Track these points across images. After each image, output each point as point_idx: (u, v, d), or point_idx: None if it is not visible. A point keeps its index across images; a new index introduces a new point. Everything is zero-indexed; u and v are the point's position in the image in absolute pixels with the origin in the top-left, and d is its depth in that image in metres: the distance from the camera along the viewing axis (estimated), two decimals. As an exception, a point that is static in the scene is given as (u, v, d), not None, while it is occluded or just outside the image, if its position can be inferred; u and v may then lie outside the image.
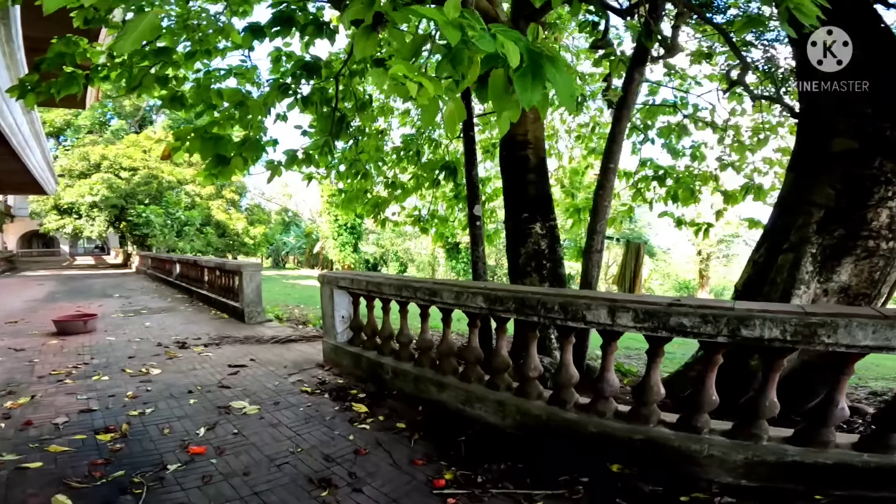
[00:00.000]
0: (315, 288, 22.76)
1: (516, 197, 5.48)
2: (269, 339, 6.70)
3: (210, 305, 10.72)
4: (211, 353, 6.04)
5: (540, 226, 5.37)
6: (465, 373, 3.98)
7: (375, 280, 4.65)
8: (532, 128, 5.46)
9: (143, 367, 5.49)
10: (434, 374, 4.20)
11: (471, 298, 3.66)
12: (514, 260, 5.47)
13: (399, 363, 4.55)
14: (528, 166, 5.41)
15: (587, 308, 3.02)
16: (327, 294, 5.35)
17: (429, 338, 4.36)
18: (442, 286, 3.96)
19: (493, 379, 3.78)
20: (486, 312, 3.63)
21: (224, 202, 28.89)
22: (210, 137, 4.04)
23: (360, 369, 4.96)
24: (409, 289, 4.23)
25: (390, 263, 38.09)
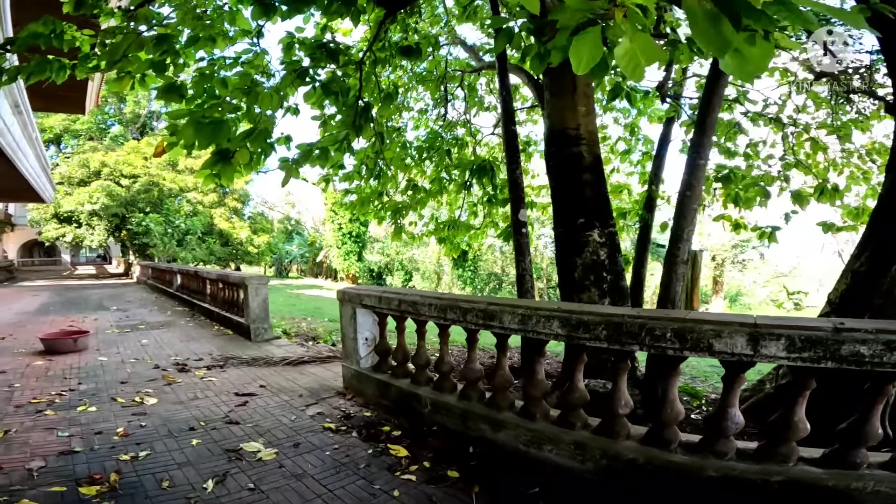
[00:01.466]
0: (323, 299, 22.12)
1: (569, 200, 4.77)
2: (280, 361, 5.98)
3: (212, 320, 10.01)
4: (215, 378, 5.32)
5: (598, 233, 4.63)
6: (527, 409, 3.27)
7: (410, 299, 3.93)
8: (584, 121, 4.77)
9: (138, 394, 4.78)
10: (486, 409, 3.48)
11: (543, 323, 2.95)
12: (568, 272, 4.74)
13: (440, 395, 3.83)
14: (581, 164, 4.70)
15: (716, 335, 2.31)
16: (348, 314, 4.64)
17: (477, 367, 3.65)
18: (501, 307, 3.24)
19: (566, 416, 3.08)
20: (562, 339, 2.91)
21: (227, 210, 28.26)
22: (207, 123, 3.33)
23: (388, 399, 4.24)
24: (457, 310, 3.51)
25: (395, 273, 37.37)
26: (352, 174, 7.22)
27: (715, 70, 4.32)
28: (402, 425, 3.88)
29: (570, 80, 4.76)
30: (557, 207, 4.89)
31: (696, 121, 4.16)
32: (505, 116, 4.90)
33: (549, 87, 4.98)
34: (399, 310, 4.03)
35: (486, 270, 34.79)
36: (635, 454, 2.72)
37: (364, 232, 37.83)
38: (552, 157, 4.89)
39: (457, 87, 7.44)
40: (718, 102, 4.12)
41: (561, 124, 4.77)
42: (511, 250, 30.87)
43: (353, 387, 4.66)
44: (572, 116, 4.74)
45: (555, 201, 4.93)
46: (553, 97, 4.91)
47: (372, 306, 4.36)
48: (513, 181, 4.72)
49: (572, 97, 4.75)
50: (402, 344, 4.32)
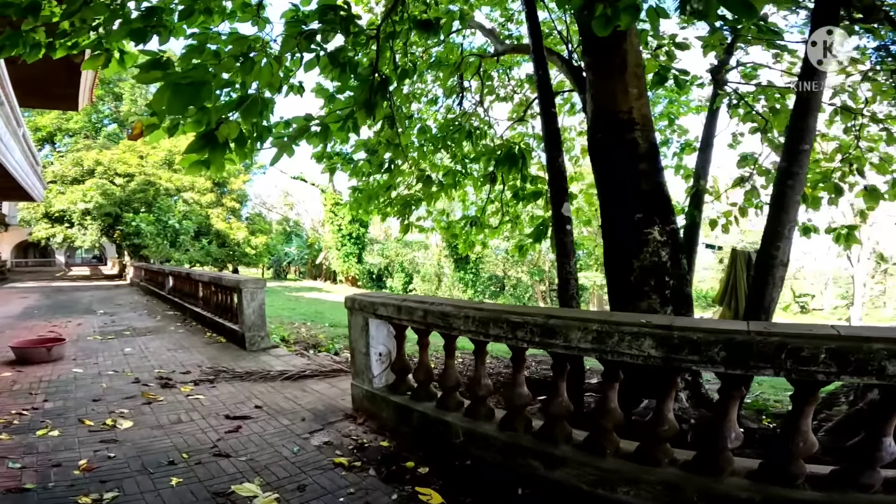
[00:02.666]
0: (323, 302, 21.35)
1: (623, 193, 4.13)
2: (278, 376, 5.27)
3: (205, 326, 9.28)
4: (202, 396, 4.61)
5: (659, 230, 3.98)
6: (595, 443, 2.60)
7: (439, 309, 3.23)
8: (637, 104, 4.13)
9: (110, 415, 4.08)
10: (537, 442, 2.82)
11: (629, 342, 2.28)
12: (623, 276, 4.08)
13: (475, 423, 3.14)
14: (637, 153, 4.07)
15: (892, 356, 1.65)
16: (359, 325, 3.94)
17: (525, 393, 2.96)
18: (566, 321, 2.56)
19: (650, 451, 2.42)
20: (654, 362, 2.23)
21: (224, 211, 27.51)
22: (187, 84, 2.65)
23: (408, 426, 3.55)
24: (503, 324, 2.81)
25: (396, 275, 36.67)
26: (359, 168, 6.54)
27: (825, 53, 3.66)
28: (427, 459, 3.20)
29: (619, 59, 4.13)
30: (607, 202, 4.24)
31: (797, 102, 3.49)
32: (542, 98, 4.23)
33: (593, 66, 4.33)
34: (424, 322, 3.33)
35: (488, 273, 34.14)
36: (749, 493, 2.11)
37: (364, 233, 37.17)
38: (600, 144, 4.23)
39: (473, 75, 6.76)
40: (824, 81, 3.45)
41: (610, 107, 4.13)
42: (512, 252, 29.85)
43: (365, 409, 3.96)
44: (623, 98, 4.10)
45: (603, 194, 4.27)
46: (598, 78, 4.27)
47: (389, 317, 3.66)
48: (554, 171, 4.04)
49: (622, 77, 4.12)
50: (426, 362, 3.62)
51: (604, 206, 4.28)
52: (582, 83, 4.80)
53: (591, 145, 4.34)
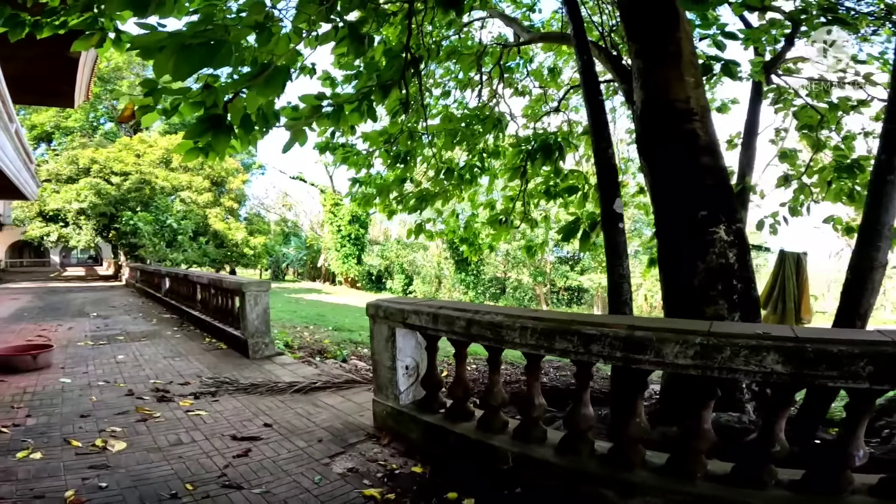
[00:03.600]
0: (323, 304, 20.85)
1: (684, 189, 3.78)
2: (287, 388, 4.81)
3: (203, 330, 8.80)
4: (204, 412, 4.14)
5: (725, 229, 3.64)
6: (681, 465, 2.21)
7: (488, 319, 2.76)
8: (695, 94, 3.79)
9: (101, 435, 3.62)
10: (607, 468, 2.41)
11: (745, 357, 1.91)
12: (685, 278, 3.71)
13: (528, 447, 2.71)
14: (698, 145, 3.73)
15: None
16: (383, 335, 3.49)
17: (591, 414, 2.53)
18: (658, 333, 2.16)
19: (751, 473, 2.08)
20: (782, 378, 1.87)
21: (223, 210, 26.96)
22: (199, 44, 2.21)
23: (442, 448, 3.10)
24: (573, 336, 2.39)
25: (395, 276, 36.20)
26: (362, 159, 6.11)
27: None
28: (470, 488, 2.75)
29: (674, 45, 3.79)
30: (664, 199, 3.88)
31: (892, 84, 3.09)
32: (587, 86, 3.82)
33: (643, 53, 3.95)
34: (467, 334, 2.88)
35: (489, 275, 33.72)
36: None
37: (363, 234, 36.72)
38: (654, 136, 3.86)
39: (493, 66, 6.32)
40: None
41: (666, 96, 3.79)
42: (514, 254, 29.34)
43: (390, 428, 3.50)
44: (680, 87, 3.74)
45: (658, 191, 3.90)
46: (650, 65, 3.92)
47: (422, 327, 3.21)
48: (603, 163, 3.63)
49: (678, 65, 3.79)
50: (465, 377, 3.17)
51: (659, 204, 3.90)
52: (623, 72, 4.41)
53: (643, 137, 3.95)
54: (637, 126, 4.01)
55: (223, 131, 3.31)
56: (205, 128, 3.29)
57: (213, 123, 3.29)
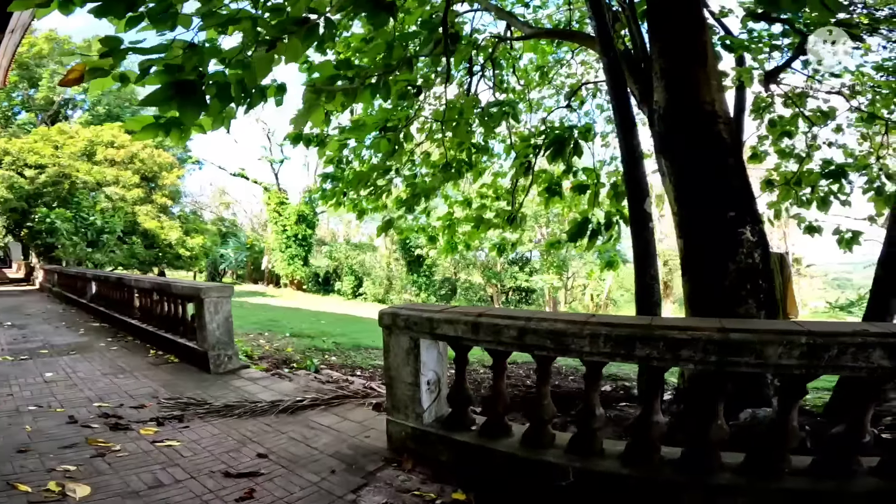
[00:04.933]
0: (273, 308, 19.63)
1: (712, 191, 3.74)
2: (271, 408, 4.20)
3: (146, 342, 7.77)
4: (176, 442, 3.47)
5: (751, 230, 3.63)
6: (760, 464, 2.08)
7: (547, 327, 2.42)
8: (718, 97, 3.78)
9: (52, 475, 2.91)
10: (682, 474, 2.28)
11: (852, 354, 1.95)
12: (715, 279, 3.66)
13: (589, 461, 2.45)
14: (724, 147, 3.74)
15: None
16: (403, 347, 3.05)
17: (662, 421, 2.29)
18: (757, 334, 2.05)
19: (836, 464, 2.14)
20: (884, 373, 1.94)
21: (154, 208, 24.73)
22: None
23: (480, 468, 2.75)
24: (658, 342, 2.18)
25: (344, 278, 35.07)
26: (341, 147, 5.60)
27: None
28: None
29: (701, 47, 3.75)
30: (692, 199, 3.80)
31: None
32: (614, 82, 3.66)
33: (667, 53, 3.86)
34: (520, 343, 2.52)
35: (441, 275, 33.51)
36: None
37: (310, 234, 35.27)
38: (681, 137, 3.79)
39: (486, 60, 6.01)
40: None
41: (693, 98, 3.74)
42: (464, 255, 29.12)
43: (412, 451, 3.06)
44: (707, 90, 3.74)
45: (684, 192, 3.83)
46: (676, 66, 3.86)
47: (457, 337, 2.80)
48: (632, 163, 3.45)
49: (704, 67, 3.75)
50: (504, 391, 2.81)
51: (685, 205, 3.82)
52: (638, 72, 4.26)
53: (667, 138, 3.84)
54: (658, 126, 3.88)
55: (194, 102, 2.73)
56: (170, 95, 2.70)
57: (182, 90, 2.70)
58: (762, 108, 5.65)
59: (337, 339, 10.69)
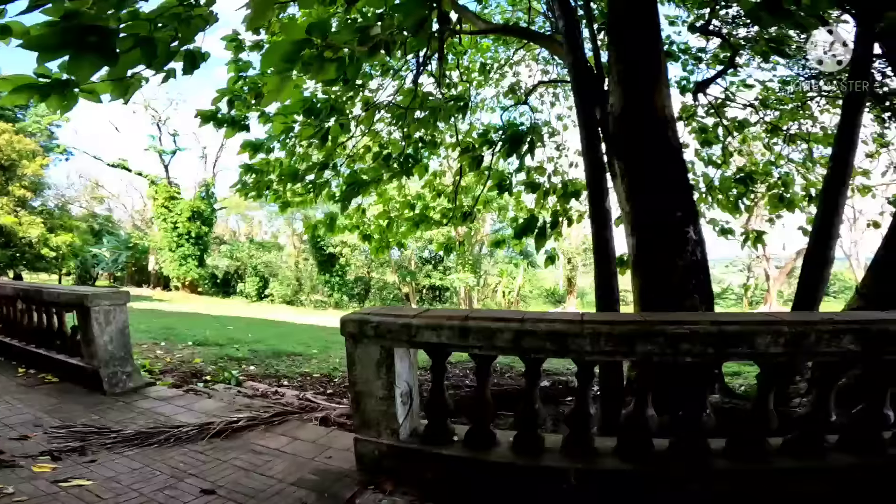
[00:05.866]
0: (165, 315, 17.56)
1: (663, 192, 3.94)
2: (199, 434, 3.60)
3: (11, 359, 6.40)
4: (86, 480, 2.80)
5: (693, 229, 3.88)
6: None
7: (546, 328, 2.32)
8: (668, 104, 4.00)
9: None
10: (663, 468, 2.34)
11: (826, 341, 2.14)
12: (665, 276, 3.83)
13: (592, 461, 2.45)
14: (672, 151, 3.99)
15: None
16: (374, 359, 2.75)
17: (654, 416, 2.37)
18: (748, 326, 2.20)
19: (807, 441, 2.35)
20: (854, 357, 2.20)
21: (10, 201, 20.81)
22: None
23: (470, 481, 2.58)
24: (659, 338, 2.18)
25: (248, 279, 32.62)
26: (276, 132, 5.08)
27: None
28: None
29: (656, 56, 3.96)
30: (643, 199, 3.97)
31: (846, 102, 3.65)
32: (578, 84, 3.74)
33: (626, 59, 4.01)
34: (516, 347, 2.38)
35: (354, 275, 32.58)
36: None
37: (206, 233, 32.21)
38: (635, 140, 3.97)
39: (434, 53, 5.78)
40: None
41: (648, 103, 3.94)
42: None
43: (391, 471, 2.77)
44: (660, 96, 4.00)
45: (636, 192, 3.96)
46: (631, 72, 4.01)
47: (440, 344, 2.57)
48: (594, 162, 3.56)
49: (658, 75, 3.96)
50: (489, 398, 2.66)
51: (636, 205, 3.98)
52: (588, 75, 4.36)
53: (621, 140, 4.00)
54: (613, 128, 4.01)
55: (97, 54, 2.14)
56: (65, 40, 2.11)
57: (81, 36, 2.12)
58: (687, 116, 6.18)
59: (252, 347, 9.78)
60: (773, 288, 27.49)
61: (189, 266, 30.69)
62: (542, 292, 35.79)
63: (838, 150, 3.78)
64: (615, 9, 3.94)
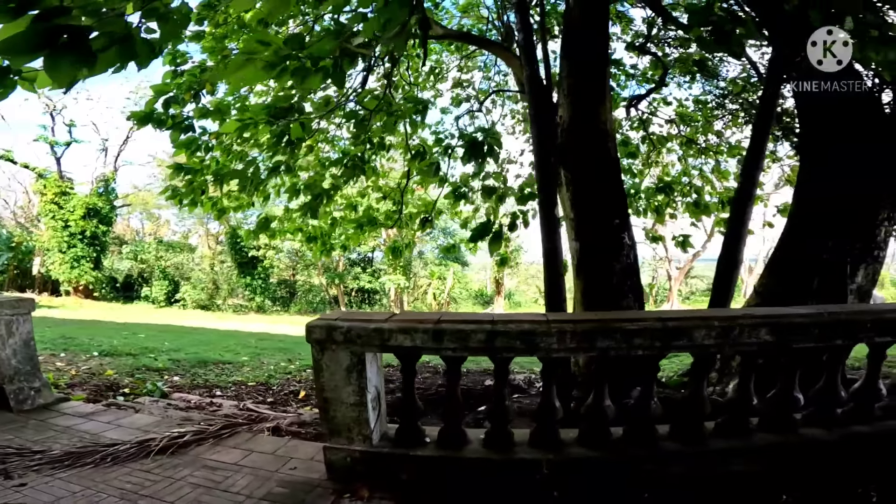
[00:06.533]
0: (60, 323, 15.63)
1: (602, 200, 4.30)
2: (138, 450, 3.32)
3: None
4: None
5: (627, 235, 4.26)
6: (689, 428, 2.42)
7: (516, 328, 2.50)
8: (610, 118, 4.38)
9: None
10: (618, 451, 2.51)
11: (748, 333, 2.52)
12: (603, 278, 4.20)
13: (561, 451, 2.69)
14: (611, 161, 4.39)
15: None
16: (343, 365, 2.73)
17: (611, 407, 2.59)
18: (688, 321, 2.58)
19: (734, 424, 2.50)
20: (769, 347, 2.59)
21: None
22: None
23: (447, 477, 2.71)
24: (616, 334, 2.48)
25: (155, 283, 29.88)
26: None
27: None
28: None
29: (603, 73, 4.27)
30: (585, 207, 4.32)
31: (760, 112, 4.14)
32: (535, 96, 4.00)
33: (574, 74, 4.31)
34: (489, 347, 2.54)
35: (277, 278, 31.12)
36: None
37: (105, 232, 29.06)
38: (580, 151, 4.31)
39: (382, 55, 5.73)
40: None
41: (593, 116, 4.31)
42: (303, 255, 27.98)
43: (362, 476, 2.75)
44: (604, 110, 4.35)
45: (580, 200, 4.29)
46: (580, 86, 4.33)
47: (413, 347, 2.62)
48: (545, 171, 3.80)
49: (603, 91, 4.28)
50: (459, 397, 2.77)
51: (580, 212, 4.28)
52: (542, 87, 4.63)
53: (568, 150, 4.30)
54: (560, 138, 4.30)
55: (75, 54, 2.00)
56: (41, 42, 1.95)
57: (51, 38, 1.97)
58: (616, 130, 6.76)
59: (171, 356, 9.02)
60: (675, 287, 30.41)
61: (83, 268, 27.48)
62: (472, 294, 36.57)
63: (746, 167, 4.36)
64: (570, 22, 4.24)
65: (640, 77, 6.54)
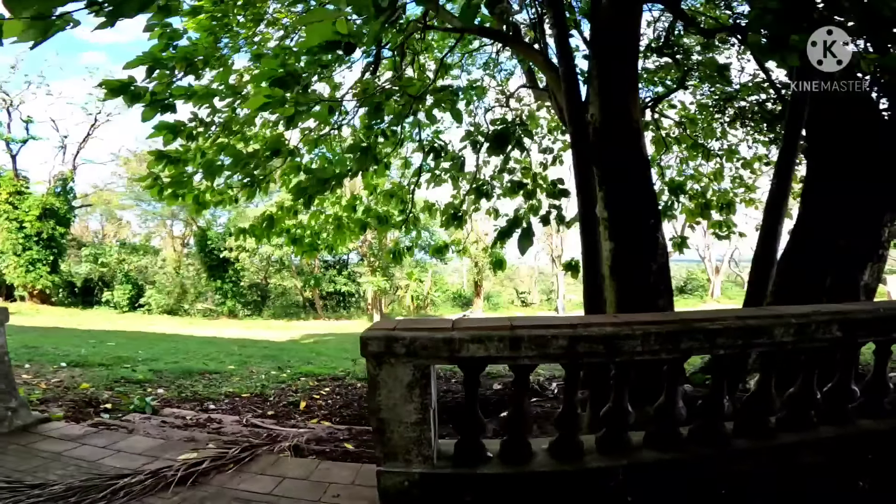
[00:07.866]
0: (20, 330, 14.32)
1: (637, 199, 4.24)
2: (153, 481, 2.93)
3: None
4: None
5: (661, 235, 4.28)
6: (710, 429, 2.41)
7: (598, 332, 2.32)
8: (640, 117, 4.29)
9: None
10: (688, 452, 2.42)
11: (822, 329, 2.52)
12: (640, 277, 4.16)
13: (633, 455, 2.58)
14: (644, 160, 4.33)
15: None
16: (404, 381, 2.42)
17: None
18: (766, 319, 2.52)
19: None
20: (838, 342, 2.61)
21: None
22: None
23: (513, 494, 2.46)
24: (699, 334, 2.42)
25: (117, 287, 28.40)
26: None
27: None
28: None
29: (633, 72, 4.19)
30: (620, 207, 4.23)
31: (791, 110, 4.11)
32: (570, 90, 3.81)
33: (604, 73, 4.19)
34: (570, 353, 2.33)
35: (249, 281, 30.09)
36: None
37: (62, 233, 27.42)
38: (613, 150, 4.19)
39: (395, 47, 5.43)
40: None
41: (625, 115, 4.19)
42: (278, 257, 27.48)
43: (423, 499, 2.48)
44: (635, 109, 4.36)
45: (614, 200, 4.22)
46: (612, 85, 4.21)
47: (486, 357, 2.36)
48: (584, 168, 3.61)
49: (634, 91, 4.23)
50: (528, 409, 2.56)
51: (614, 211, 4.18)
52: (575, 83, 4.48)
53: (600, 149, 4.16)
54: (593, 137, 4.19)
55: None
56: None
57: None
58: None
59: (150, 366, 8.41)
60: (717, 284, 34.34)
61: (39, 272, 25.85)
62: (450, 296, 36.40)
63: (780, 167, 4.36)
64: (600, 19, 4.11)
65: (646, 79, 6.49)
